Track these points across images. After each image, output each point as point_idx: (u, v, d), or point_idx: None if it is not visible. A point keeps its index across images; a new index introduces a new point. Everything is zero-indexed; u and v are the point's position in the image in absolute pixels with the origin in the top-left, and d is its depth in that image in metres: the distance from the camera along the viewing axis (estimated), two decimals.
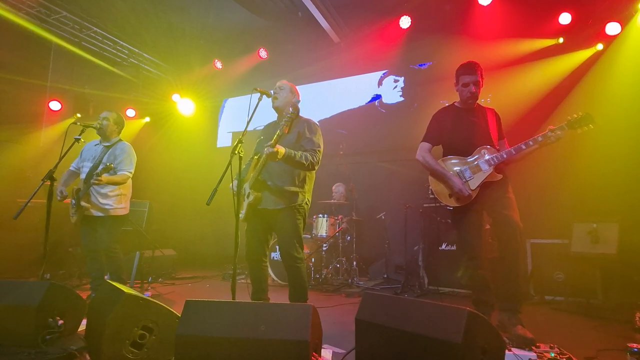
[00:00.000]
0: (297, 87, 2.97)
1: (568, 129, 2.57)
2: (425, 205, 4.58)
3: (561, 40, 4.73)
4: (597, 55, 4.50)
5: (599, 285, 3.54)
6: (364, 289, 4.47)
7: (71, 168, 3.71)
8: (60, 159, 3.06)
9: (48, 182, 2.95)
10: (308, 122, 2.79)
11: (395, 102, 5.92)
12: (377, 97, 6.02)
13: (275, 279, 4.70)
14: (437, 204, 4.42)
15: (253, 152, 2.84)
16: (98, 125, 3.54)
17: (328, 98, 6.46)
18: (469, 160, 2.74)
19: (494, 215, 2.62)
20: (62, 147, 3.10)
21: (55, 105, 6.01)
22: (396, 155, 5.56)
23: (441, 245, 4.32)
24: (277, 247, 4.42)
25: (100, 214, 3.46)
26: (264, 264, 2.79)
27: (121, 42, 6.37)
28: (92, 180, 3.24)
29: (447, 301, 3.48)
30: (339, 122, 6.29)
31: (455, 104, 2.92)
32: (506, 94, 4.76)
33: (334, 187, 5.40)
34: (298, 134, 2.72)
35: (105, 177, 3.30)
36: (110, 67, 6.49)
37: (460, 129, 2.79)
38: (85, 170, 3.53)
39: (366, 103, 6.13)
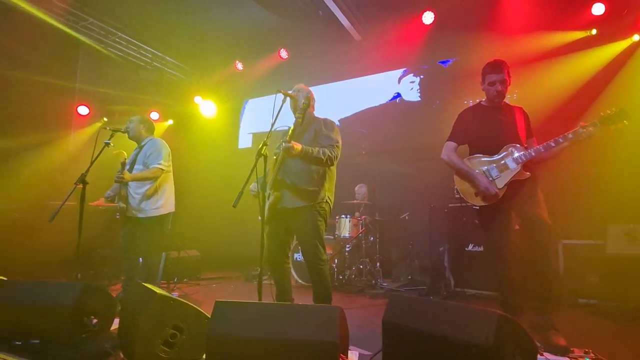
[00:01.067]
0: (318, 87, 3.01)
1: (600, 125, 2.51)
2: (450, 205, 4.53)
3: (594, 31, 4.57)
4: (634, 47, 4.34)
5: (637, 287, 3.43)
6: (389, 291, 4.46)
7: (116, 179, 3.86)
8: (92, 163, 3.18)
9: (80, 186, 3.06)
10: (324, 120, 2.81)
11: (415, 100, 5.88)
12: (398, 95, 6.00)
13: (299, 280, 4.75)
14: (463, 204, 4.37)
15: (274, 154, 2.89)
16: (126, 130, 3.67)
17: (349, 97, 6.46)
18: (495, 158, 2.72)
19: (522, 214, 2.58)
20: (92, 152, 3.20)
21: (83, 110, 6.25)
22: (420, 154, 5.51)
23: (468, 246, 4.27)
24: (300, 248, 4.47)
25: (138, 214, 3.54)
26: (286, 265, 2.81)
27: (145, 47, 6.57)
28: (115, 178, 3.32)
29: (474, 303, 3.45)
30: (360, 121, 6.28)
31: (482, 102, 2.90)
32: (534, 91, 4.65)
33: (356, 188, 5.41)
34: (315, 132, 2.74)
35: (127, 173, 3.37)
36: (134, 71, 6.72)
37: (487, 127, 2.77)
38: None
39: (387, 101, 6.11)
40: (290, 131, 2.54)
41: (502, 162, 2.69)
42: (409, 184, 5.52)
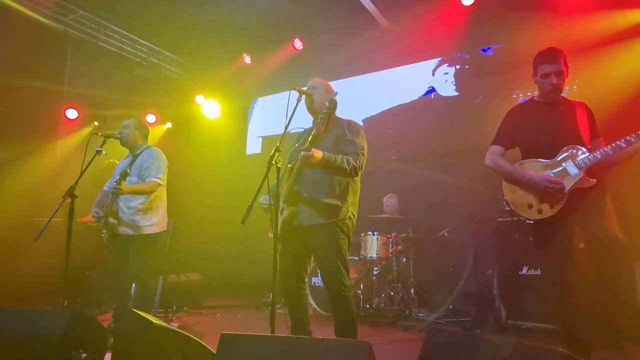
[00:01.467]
0: (338, 81, 3.02)
1: None
2: (499, 219, 4.46)
3: None
4: None
5: None
6: (426, 323, 4.42)
7: (105, 188, 3.97)
8: (81, 173, 3.26)
9: (69, 200, 3.13)
10: (349, 123, 2.82)
11: (453, 94, 5.86)
12: (432, 90, 5.99)
13: (317, 308, 4.73)
14: (514, 218, 4.28)
15: (287, 161, 2.90)
16: (120, 136, 3.78)
17: (374, 93, 6.48)
18: (552, 162, 2.66)
19: (587, 229, 2.52)
20: (82, 161, 3.30)
21: (71, 114, 6.47)
22: (460, 159, 5.44)
23: (521, 269, 4.18)
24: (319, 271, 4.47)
25: (130, 231, 3.64)
26: (303, 291, 2.82)
27: (140, 40, 6.78)
28: (111, 189, 3.43)
29: (531, 339, 3.35)
30: (388, 121, 6.29)
31: (534, 97, 2.86)
32: (597, 82, 4.54)
33: (385, 200, 5.40)
34: (337, 136, 2.75)
35: (125, 185, 3.47)
36: (128, 68, 6.91)
37: (542, 126, 2.72)
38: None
39: (419, 97, 6.09)
40: (310, 138, 2.53)
41: (561, 167, 2.63)
42: (448, 195, 5.47)
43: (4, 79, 5.49)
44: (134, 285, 3.76)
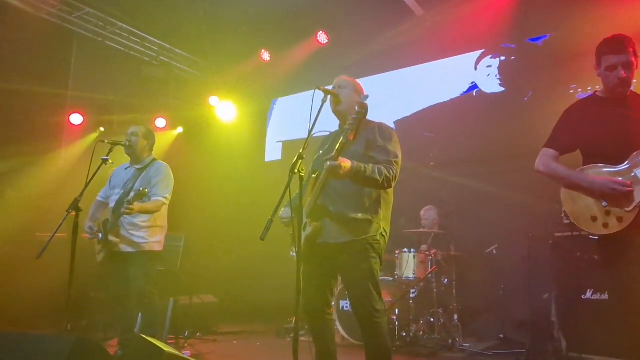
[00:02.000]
0: (367, 79, 3.02)
1: None
2: (557, 234, 4.36)
3: None
4: None
5: None
6: (472, 354, 4.36)
7: (98, 198, 4.07)
8: (87, 184, 3.34)
9: (73, 213, 3.19)
10: (380, 127, 2.82)
11: (499, 90, 5.80)
12: (474, 86, 5.94)
13: (346, 336, 4.70)
14: (575, 232, 4.15)
15: (310, 170, 2.90)
16: (127, 143, 3.87)
17: (408, 91, 6.46)
18: (621, 169, 2.58)
19: None
20: (87, 171, 3.39)
21: (76, 119, 6.67)
22: (509, 166, 5.36)
23: (584, 293, 4.06)
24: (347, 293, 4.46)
25: (131, 249, 3.72)
26: (329, 316, 2.81)
27: (150, 38, 6.99)
28: (122, 209, 3.52)
29: None
30: (424, 122, 6.26)
31: (597, 93, 2.78)
32: None
33: (422, 212, 5.36)
34: (367, 142, 2.76)
35: (137, 205, 3.56)
36: (136, 68, 7.10)
37: (607, 126, 2.64)
38: (114, 199, 3.85)
39: (460, 94, 6.04)
40: (337, 145, 2.52)
41: (632, 173, 2.54)
42: (496, 206, 5.38)
43: (3, 82, 5.72)
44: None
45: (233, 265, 7.00)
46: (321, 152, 2.95)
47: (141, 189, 3.54)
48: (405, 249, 4.97)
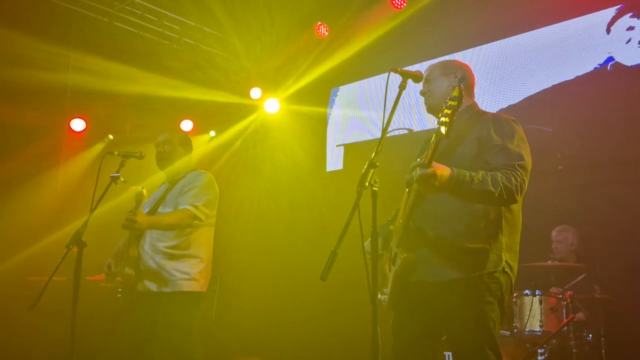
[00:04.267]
0: (459, 54, 2.92)
1: None
2: None
3: None
4: None
5: None
6: None
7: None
8: (92, 210, 3.37)
9: (75, 249, 3.23)
10: (496, 119, 2.83)
11: None
12: (609, 59, 5.73)
13: None
14: None
15: (405, 183, 2.91)
16: (161, 155, 3.94)
17: (514, 69, 6.36)
18: None
19: None
20: (93, 192, 3.42)
21: (78, 125, 6.91)
22: None
23: None
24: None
25: (154, 287, 3.71)
26: None
27: (169, 14, 7.10)
28: (123, 222, 3.46)
29: None
30: (541, 111, 6.10)
31: None
32: None
33: (554, 235, 5.27)
34: (479, 142, 2.75)
35: (143, 214, 3.52)
36: (153, 56, 7.22)
37: None
38: None
39: (589, 70, 5.84)
40: (429, 148, 2.46)
41: None
42: None
43: None
44: None
45: (287, 317, 6.96)
46: (419, 159, 2.94)
47: (142, 189, 3.54)
48: (527, 291, 4.85)
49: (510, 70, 6.37)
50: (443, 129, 2.44)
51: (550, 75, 6.10)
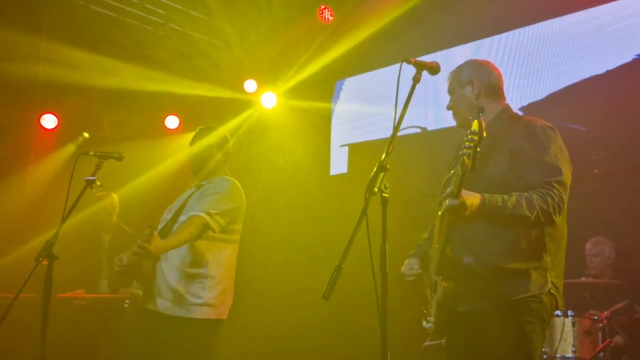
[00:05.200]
0: (476, 43, 2.92)
1: None
2: None
3: None
4: None
5: None
6: None
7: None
8: (64, 219, 3.33)
9: (45, 262, 3.20)
10: (531, 127, 2.84)
11: None
12: None
13: None
14: None
15: (437, 204, 2.94)
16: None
17: (538, 60, 6.40)
18: None
19: None
20: (65, 197, 3.40)
21: (49, 121, 6.88)
22: None
23: None
24: None
25: (169, 309, 3.67)
26: None
27: None
28: (133, 249, 3.42)
29: None
30: (571, 109, 6.08)
31: None
32: None
33: (588, 248, 5.28)
34: (511, 154, 2.76)
35: (158, 239, 3.43)
36: (135, 43, 7.19)
37: None
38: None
39: (622, 63, 5.85)
40: (457, 174, 2.45)
41: None
42: None
43: None
44: None
45: (285, 339, 6.94)
46: (452, 172, 2.93)
47: (155, 221, 3.51)
48: (558, 312, 4.69)
49: (532, 63, 6.41)
50: (468, 160, 2.44)
51: (577, 69, 6.15)
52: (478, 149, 2.42)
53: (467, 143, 2.44)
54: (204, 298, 3.69)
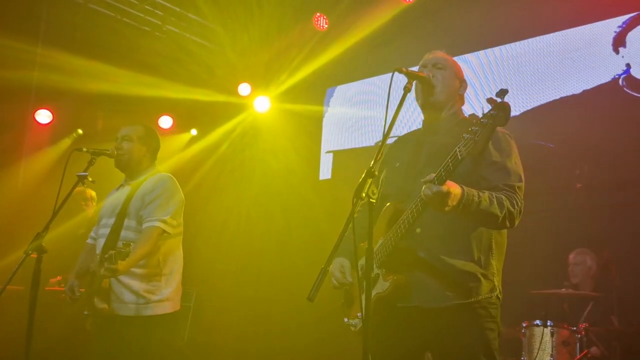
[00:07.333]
0: (462, 57, 2.94)
1: None
2: None
3: None
4: None
5: None
6: None
7: (89, 240, 4.08)
8: (55, 213, 3.32)
9: (34, 255, 3.16)
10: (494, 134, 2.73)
11: None
12: (626, 71, 5.80)
13: None
14: None
15: (378, 194, 2.72)
16: (115, 152, 3.84)
17: (519, 76, 6.44)
18: None
19: None
20: (57, 191, 3.37)
21: (44, 117, 6.84)
22: None
23: None
24: None
25: (125, 310, 3.66)
26: None
27: None
28: (101, 271, 3.45)
29: None
30: (548, 125, 6.19)
31: None
32: None
33: (571, 257, 5.30)
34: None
35: (122, 263, 3.41)
36: (132, 43, 7.17)
37: None
38: (101, 242, 3.80)
39: (600, 83, 5.91)
40: (445, 163, 2.39)
41: None
42: None
43: None
44: None
45: (272, 340, 6.90)
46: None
47: (123, 243, 3.47)
48: (538, 321, 4.84)
49: (515, 78, 6.44)
50: (471, 146, 2.36)
51: (556, 87, 6.19)
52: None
53: (477, 127, 2.33)
54: (164, 294, 3.73)
